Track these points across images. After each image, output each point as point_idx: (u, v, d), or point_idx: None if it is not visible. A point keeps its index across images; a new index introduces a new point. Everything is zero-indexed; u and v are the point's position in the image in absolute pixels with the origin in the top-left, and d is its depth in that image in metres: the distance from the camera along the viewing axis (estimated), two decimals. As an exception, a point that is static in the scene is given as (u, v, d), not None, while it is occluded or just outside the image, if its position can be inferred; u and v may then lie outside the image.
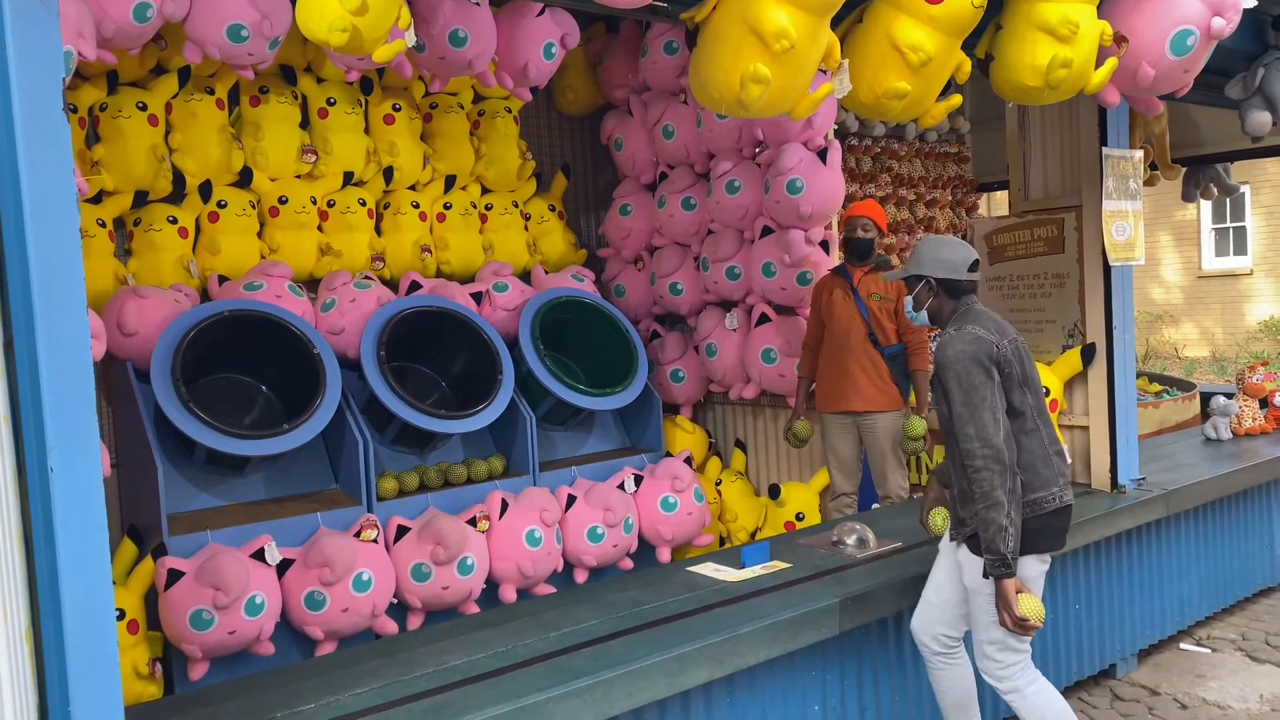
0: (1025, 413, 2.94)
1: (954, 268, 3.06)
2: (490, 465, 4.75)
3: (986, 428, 2.81)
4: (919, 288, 3.13)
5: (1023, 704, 3.00)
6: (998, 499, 2.79)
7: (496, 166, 5.59)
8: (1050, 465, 2.96)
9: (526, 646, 2.86)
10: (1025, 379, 2.95)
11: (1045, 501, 2.93)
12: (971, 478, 2.83)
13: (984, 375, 2.86)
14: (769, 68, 2.87)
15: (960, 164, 7.43)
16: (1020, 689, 3.00)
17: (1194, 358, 16.81)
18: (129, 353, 4.17)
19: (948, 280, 3.06)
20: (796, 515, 5.17)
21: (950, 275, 3.06)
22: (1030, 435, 2.94)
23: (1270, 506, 5.34)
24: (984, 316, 3.02)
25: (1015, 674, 3.00)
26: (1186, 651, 4.62)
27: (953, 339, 2.94)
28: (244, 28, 3.47)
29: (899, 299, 4.73)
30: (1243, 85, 4.38)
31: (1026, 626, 2.83)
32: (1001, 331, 2.97)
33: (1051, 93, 3.35)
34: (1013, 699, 3.02)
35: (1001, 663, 3.00)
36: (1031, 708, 2.99)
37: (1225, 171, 7.39)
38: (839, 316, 4.78)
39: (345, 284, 4.78)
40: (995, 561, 2.82)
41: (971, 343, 2.89)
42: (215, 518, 4.08)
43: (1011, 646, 2.98)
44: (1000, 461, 2.80)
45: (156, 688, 3.71)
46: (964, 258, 3.07)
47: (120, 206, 4.51)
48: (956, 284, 3.06)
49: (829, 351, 4.83)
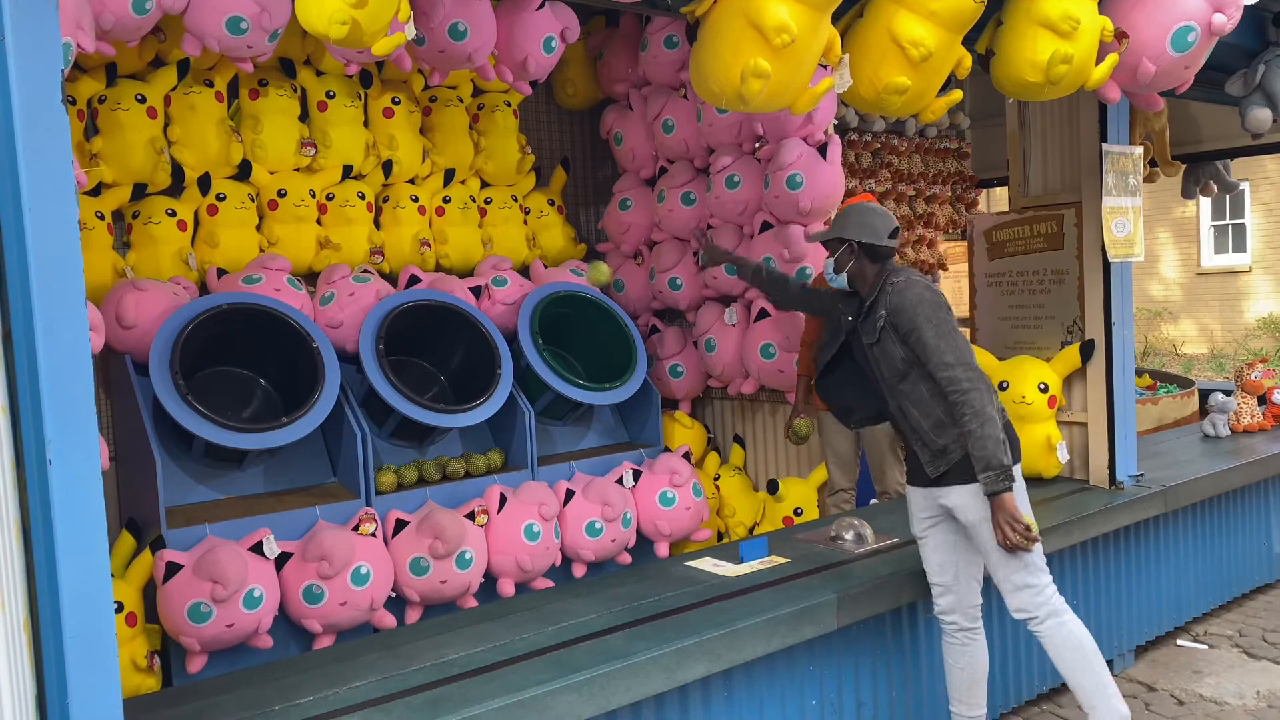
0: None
1: (876, 233, 3.19)
2: (489, 459, 4.75)
3: (964, 353, 2.99)
4: (840, 250, 3.25)
5: (1058, 631, 3.03)
6: (990, 414, 2.91)
7: (496, 160, 5.59)
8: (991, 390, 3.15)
9: (524, 640, 2.86)
10: None
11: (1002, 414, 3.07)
12: (960, 400, 2.93)
13: (947, 311, 3.06)
14: (769, 62, 2.86)
15: (960, 160, 7.42)
16: (1058, 613, 3.05)
17: (1192, 355, 16.82)
18: (128, 345, 4.16)
19: (870, 245, 3.19)
20: (795, 510, 5.17)
21: (872, 240, 3.19)
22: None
23: (1268, 503, 5.34)
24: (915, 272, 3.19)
25: (1051, 596, 3.05)
26: (1183, 648, 4.63)
27: (909, 284, 3.09)
28: (243, 20, 3.46)
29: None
30: (1243, 82, 4.37)
31: (1032, 536, 2.91)
32: None
33: (1052, 88, 3.34)
34: (1049, 626, 3.03)
35: (1035, 586, 3.03)
36: (1068, 635, 3.03)
37: (1225, 168, 7.39)
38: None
39: (344, 277, 4.77)
40: (999, 475, 2.89)
41: (928, 288, 3.09)
42: (214, 511, 4.08)
43: (1039, 566, 3.04)
44: (984, 380, 2.96)
45: (155, 680, 3.71)
46: (886, 225, 3.22)
47: (119, 199, 4.50)
48: (877, 249, 3.20)
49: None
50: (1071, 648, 3.03)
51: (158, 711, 2.56)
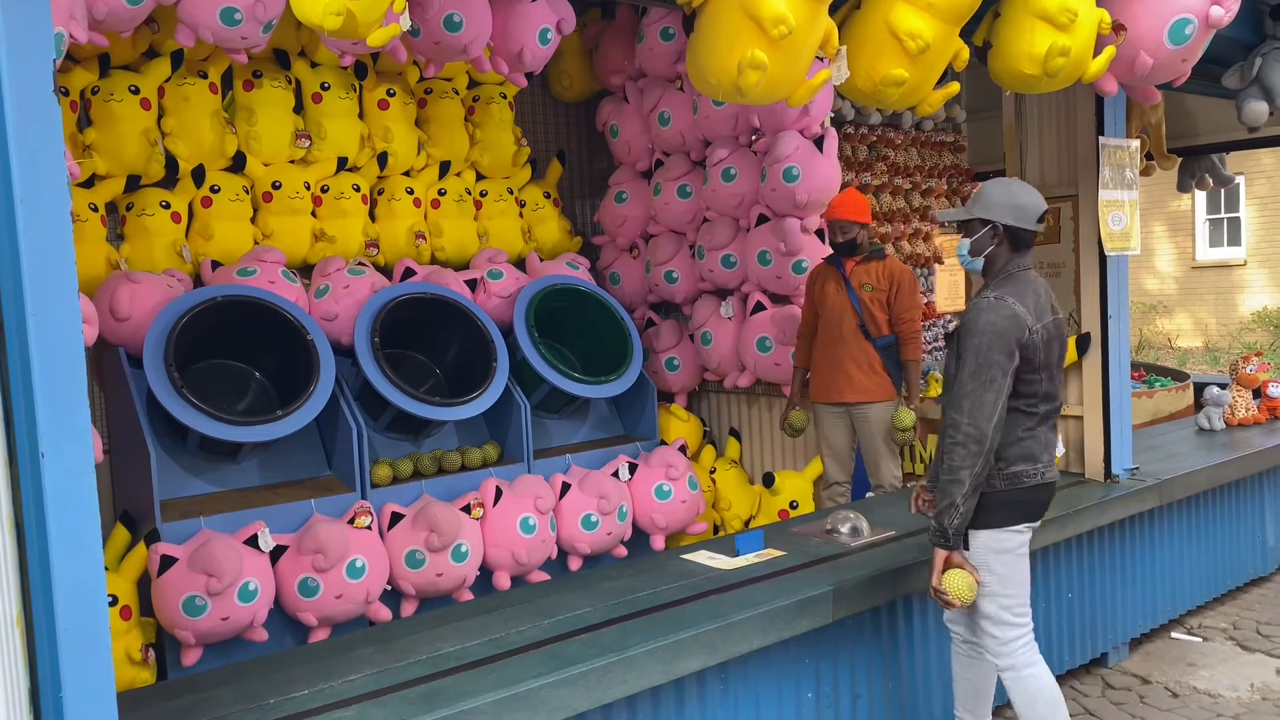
0: (1035, 396, 2.92)
1: (1024, 215, 2.89)
2: (485, 452, 4.74)
3: (983, 409, 2.80)
4: (982, 232, 2.94)
5: (1015, 684, 3.01)
6: (962, 477, 2.81)
7: (491, 153, 5.57)
8: (1039, 442, 2.96)
9: (520, 634, 2.86)
10: (1045, 365, 2.91)
11: (1026, 476, 2.93)
12: (948, 448, 2.85)
13: (1004, 355, 2.80)
14: (766, 54, 2.85)
15: (956, 153, 7.41)
16: (1017, 668, 3.00)
17: (1188, 348, 16.84)
18: (122, 338, 4.15)
19: (1015, 229, 2.90)
20: (791, 503, 5.17)
21: (1019, 224, 2.90)
22: (1029, 416, 2.93)
23: (1262, 497, 5.36)
24: (1030, 289, 2.90)
25: (1014, 651, 2.99)
26: (1178, 640, 4.64)
27: (989, 307, 2.85)
28: (237, 11, 3.44)
29: (890, 290, 4.72)
30: (1240, 75, 4.37)
31: (943, 598, 2.89)
32: (1040, 313, 2.89)
33: (1049, 81, 3.34)
34: (1007, 677, 3.02)
35: (998, 638, 3.01)
36: (1022, 690, 2.99)
37: (1221, 162, 7.40)
38: (831, 307, 4.77)
39: (339, 270, 4.75)
40: (936, 532, 2.88)
41: (1008, 318, 2.81)
42: (208, 504, 4.08)
43: (1006, 621, 2.99)
44: (979, 444, 2.80)
45: (149, 674, 3.70)
46: (1036, 205, 2.91)
47: (112, 191, 4.48)
48: (1023, 234, 2.91)
49: (822, 343, 4.82)
50: (1025, 704, 2.99)
51: (152, 705, 2.55)
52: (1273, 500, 5.43)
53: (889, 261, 4.79)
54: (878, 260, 4.77)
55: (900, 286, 4.72)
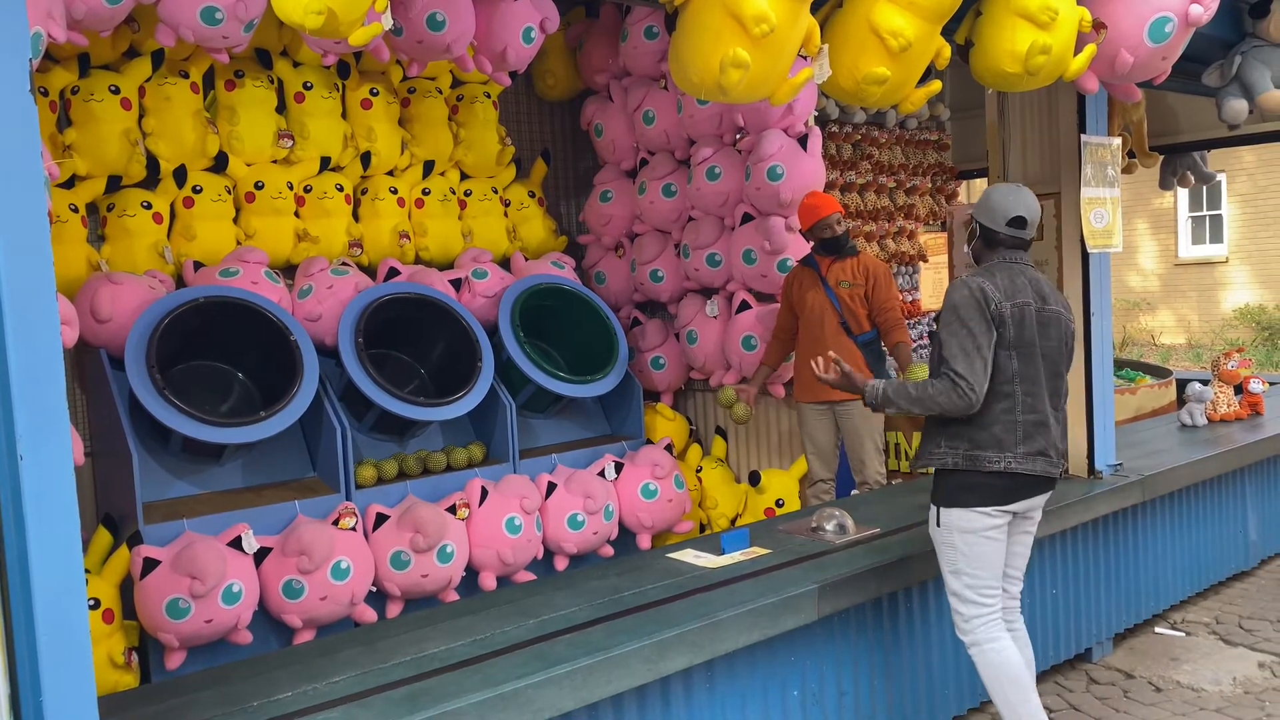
0: (1005, 374, 2.97)
1: (993, 218, 3.07)
2: (470, 453, 4.73)
3: (976, 373, 2.89)
4: (971, 226, 3.15)
5: (980, 658, 3.07)
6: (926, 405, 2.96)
7: (475, 152, 5.56)
8: (1013, 431, 2.97)
9: (506, 634, 2.86)
10: (1016, 343, 2.96)
11: (988, 461, 2.96)
12: (940, 388, 2.92)
13: (983, 324, 2.91)
14: (748, 52, 2.85)
15: (940, 151, 7.44)
16: (980, 643, 3.06)
17: (1170, 345, 16.95)
18: (103, 340, 4.12)
19: (985, 228, 3.09)
20: (776, 502, 5.18)
21: (988, 224, 3.08)
22: (1002, 398, 2.97)
23: (1244, 491, 5.39)
24: (1005, 273, 3.01)
25: (977, 628, 3.06)
26: (1161, 635, 4.67)
27: (956, 286, 3.00)
28: (218, 10, 3.42)
29: (868, 284, 4.77)
30: (1220, 73, 4.40)
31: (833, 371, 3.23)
32: (1012, 293, 2.97)
33: (1030, 79, 3.35)
34: (973, 653, 3.08)
35: (963, 614, 3.08)
36: (986, 664, 3.05)
37: (1202, 159, 7.44)
38: (811, 307, 4.78)
39: (323, 270, 4.74)
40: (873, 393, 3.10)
41: (974, 291, 2.94)
42: (192, 506, 4.05)
43: (970, 600, 3.05)
44: (967, 407, 2.90)
45: (133, 677, 3.68)
46: (1006, 209, 3.05)
47: (93, 191, 4.45)
48: (993, 234, 3.07)
49: (805, 343, 4.83)
50: (990, 676, 3.06)
51: (135, 709, 2.54)
52: (1255, 495, 5.47)
53: (863, 257, 4.84)
54: (852, 257, 4.81)
55: (877, 280, 4.77)
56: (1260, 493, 5.52)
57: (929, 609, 3.63)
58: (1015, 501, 3.03)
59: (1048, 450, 3.03)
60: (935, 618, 3.65)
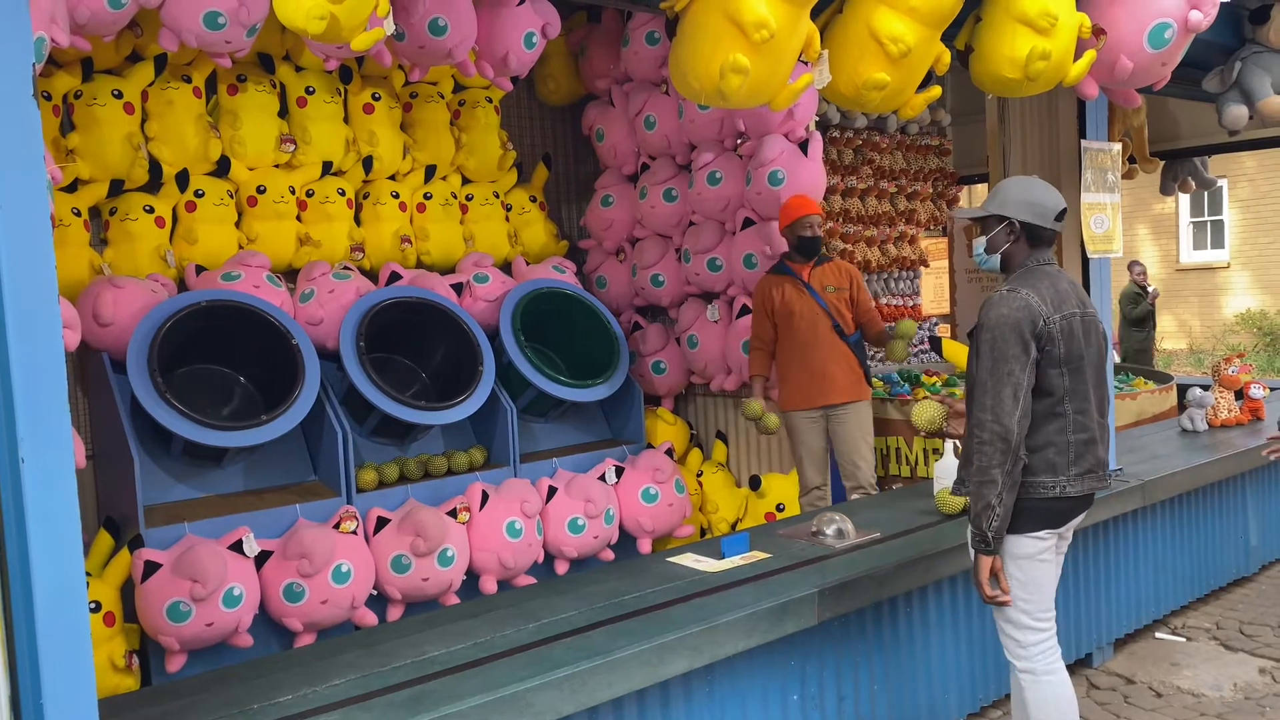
0: (1056, 394, 2.83)
1: (1042, 213, 2.85)
2: (471, 456, 4.73)
3: (1003, 404, 2.72)
4: (998, 230, 2.90)
5: (1034, 690, 2.92)
6: (992, 477, 2.73)
7: (477, 156, 5.57)
8: (1065, 453, 2.84)
9: (506, 637, 2.86)
10: (1067, 359, 2.81)
11: (1043, 487, 2.83)
12: (975, 448, 2.79)
13: (1019, 348, 2.74)
14: (748, 58, 2.87)
15: (941, 157, 7.45)
16: (1036, 673, 2.92)
17: (1171, 350, 16.94)
18: (105, 343, 4.13)
19: (1033, 226, 2.86)
20: (777, 506, 5.18)
21: (1036, 221, 2.85)
22: (1053, 419, 2.83)
23: (1245, 497, 5.39)
24: (1046, 281, 2.84)
25: (1035, 655, 2.92)
26: (1162, 640, 4.67)
27: (1002, 299, 2.79)
28: (221, 15, 3.44)
29: (851, 287, 4.83)
30: (1220, 79, 4.41)
31: (1000, 600, 2.86)
32: (1059, 303, 2.81)
33: (1030, 85, 3.36)
34: (1025, 680, 2.94)
35: (1019, 641, 2.93)
36: (1039, 697, 2.91)
37: (1203, 165, 7.45)
38: (800, 314, 4.78)
39: (324, 274, 4.75)
40: (976, 537, 2.81)
41: (1019, 309, 2.75)
42: (193, 509, 4.06)
43: (1027, 625, 2.91)
44: (1005, 441, 2.72)
45: (133, 680, 3.68)
46: (1055, 203, 2.86)
47: (96, 195, 4.46)
48: (1041, 231, 2.87)
49: (795, 351, 4.82)
50: (1040, 709, 2.92)
51: (135, 711, 2.54)
52: (1255, 500, 5.47)
53: (838, 261, 4.96)
54: (829, 262, 4.90)
55: (856, 282, 4.90)
56: (1261, 498, 5.52)
57: (929, 614, 3.63)
58: (1068, 523, 2.93)
59: (1096, 468, 2.91)
60: (935, 623, 3.65)
